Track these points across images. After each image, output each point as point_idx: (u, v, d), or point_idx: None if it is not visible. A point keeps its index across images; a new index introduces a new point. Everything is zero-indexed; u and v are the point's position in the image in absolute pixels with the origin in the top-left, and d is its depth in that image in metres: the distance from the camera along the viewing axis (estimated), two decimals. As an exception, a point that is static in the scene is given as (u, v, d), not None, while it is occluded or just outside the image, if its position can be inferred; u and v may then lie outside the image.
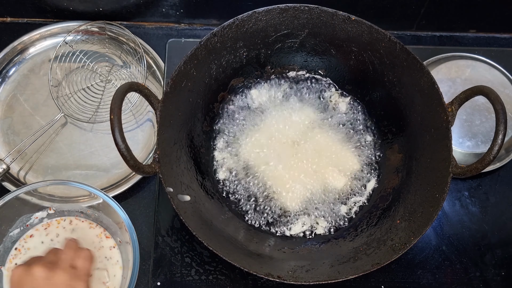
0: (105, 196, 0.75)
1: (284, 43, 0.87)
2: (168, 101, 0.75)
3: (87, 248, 0.71)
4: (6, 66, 0.95)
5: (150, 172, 0.70)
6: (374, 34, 0.82)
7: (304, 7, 0.82)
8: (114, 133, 0.65)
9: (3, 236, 0.76)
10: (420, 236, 0.71)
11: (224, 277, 0.82)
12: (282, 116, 0.88)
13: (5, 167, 0.85)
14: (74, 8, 0.97)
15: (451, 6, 0.98)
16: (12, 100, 0.93)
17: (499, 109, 0.70)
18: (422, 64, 0.79)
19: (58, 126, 0.92)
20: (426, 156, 0.79)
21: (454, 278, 0.84)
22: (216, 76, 0.85)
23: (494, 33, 1.05)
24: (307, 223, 0.82)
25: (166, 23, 1.02)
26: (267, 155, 0.85)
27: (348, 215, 0.84)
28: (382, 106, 0.88)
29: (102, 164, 0.90)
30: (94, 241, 0.79)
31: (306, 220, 0.82)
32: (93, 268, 0.72)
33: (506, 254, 0.86)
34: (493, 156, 0.69)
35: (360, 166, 0.86)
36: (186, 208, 0.73)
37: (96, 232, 0.79)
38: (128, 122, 0.93)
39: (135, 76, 0.95)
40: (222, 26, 0.80)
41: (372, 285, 0.83)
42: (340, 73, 0.90)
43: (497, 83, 0.92)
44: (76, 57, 0.94)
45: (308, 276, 0.71)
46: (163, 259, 0.82)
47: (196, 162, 0.82)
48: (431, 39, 1.04)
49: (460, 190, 0.91)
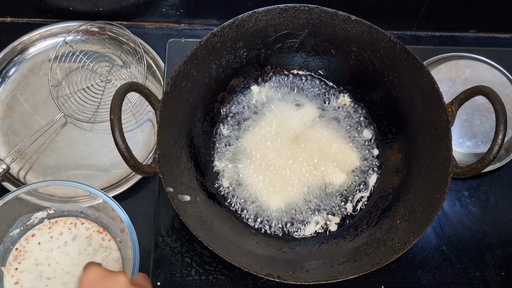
0: (105, 196, 0.75)
1: (284, 43, 0.87)
2: (168, 101, 0.75)
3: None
4: (6, 66, 0.95)
5: (150, 172, 0.70)
6: (374, 34, 0.82)
7: (304, 7, 0.82)
8: (114, 133, 0.65)
9: (3, 236, 0.76)
10: (420, 236, 0.71)
11: (224, 277, 0.82)
12: (282, 115, 0.88)
13: (5, 167, 0.85)
14: (74, 8, 0.97)
15: (451, 6, 0.98)
16: (12, 100, 0.93)
17: (499, 109, 0.70)
18: (422, 64, 0.79)
19: (58, 126, 0.92)
20: (426, 156, 0.79)
21: (454, 278, 0.84)
22: (216, 76, 0.85)
23: (494, 33, 1.05)
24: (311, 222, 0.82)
25: (166, 23, 1.02)
26: (267, 154, 0.85)
27: (354, 210, 0.84)
28: (382, 106, 0.88)
29: (102, 164, 0.90)
30: (94, 241, 0.79)
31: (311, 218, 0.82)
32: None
33: (506, 254, 0.86)
34: (493, 156, 0.69)
35: (359, 164, 0.86)
36: (186, 208, 0.73)
37: (96, 232, 0.80)
38: (128, 122, 0.93)
39: (135, 76, 0.95)
40: (222, 26, 0.80)
41: (372, 285, 0.83)
42: (340, 73, 0.90)
43: (497, 83, 0.92)
44: (76, 57, 0.94)
45: (308, 276, 0.71)
46: (163, 259, 0.82)
47: (196, 162, 0.82)
48: (431, 39, 1.04)
49: (460, 190, 0.91)
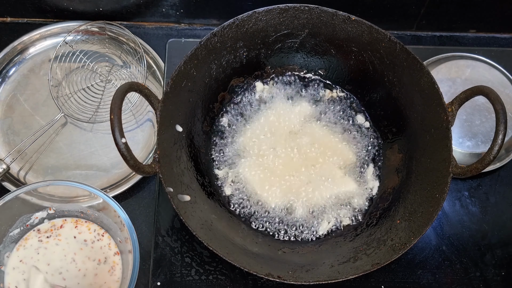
0: (105, 196, 0.75)
1: (284, 43, 0.87)
2: (168, 101, 0.75)
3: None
4: (6, 66, 0.95)
5: (150, 172, 0.70)
6: (374, 34, 0.82)
7: (304, 7, 0.82)
8: (114, 133, 0.65)
9: (3, 236, 0.76)
10: (420, 236, 0.72)
11: (224, 277, 0.82)
12: (282, 115, 0.88)
13: (5, 167, 0.85)
14: (74, 8, 0.97)
15: (451, 6, 0.98)
16: (12, 100, 0.93)
17: (499, 109, 0.70)
18: (422, 64, 0.79)
19: (58, 126, 0.92)
20: (426, 156, 0.79)
21: (454, 278, 0.84)
22: (216, 76, 0.85)
23: (494, 33, 1.05)
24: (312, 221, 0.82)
25: (166, 23, 1.02)
26: (268, 154, 0.85)
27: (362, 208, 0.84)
28: (382, 106, 0.88)
29: (102, 164, 0.90)
30: (94, 241, 0.79)
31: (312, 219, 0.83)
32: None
33: (506, 254, 0.86)
34: (493, 156, 0.69)
35: (359, 164, 0.86)
36: (186, 208, 0.73)
37: (96, 232, 0.80)
38: (128, 122, 0.93)
39: (135, 76, 0.95)
40: (222, 26, 0.80)
41: (372, 285, 0.83)
42: (340, 73, 0.90)
43: (497, 83, 0.92)
44: (76, 57, 0.94)
45: (308, 276, 0.71)
46: (163, 259, 0.82)
47: (196, 162, 0.82)
48: (431, 39, 1.04)
49: (460, 190, 0.91)
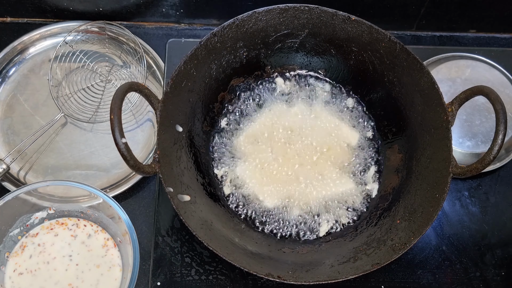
0: (105, 196, 0.75)
1: (284, 43, 0.87)
2: (168, 101, 0.75)
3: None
4: (6, 66, 0.95)
5: (150, 172, 0.70)
6: (374, 34, 0.82)
7: (304, 7, 0.82)
8: (114, 133, 0.65)
9: (3, 236, 0.76)
10: (420, 236, 0.72)
11: (224, 277, 0.82)
12: (282, 114, 0.88)
13: (5, 167, 0.85)
14: (74, 8, 0.97)
15: (451, 6, 0.98)
16: (12, 100, 0.93)
17: (499, 109, 0.70)
18: (422, 64, 0.79)
19: (58, 126, 0.92)
20: (426, 156, 0.79)
21: (454, 278, 0.84)
22: (216, 76, 0.85)
23: (494, 33, 1.05)
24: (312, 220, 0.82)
25: (166, 23, 1.02)
26: (267, 153, 0.85)
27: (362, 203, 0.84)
28: (382, 106, 0.88)
29: (102, 164, 0.90)
30: (94, 241, 0.79)
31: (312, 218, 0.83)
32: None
33: (506, 254, 0.86)
34: (493, 156, 0.69)
35: (359, 164, 0.86)
36: (186, 208, 0.73)
37: (96, 232, 0.80)
38: (128, 122, 0.93)
39: (135, 76, 0.95)
40: (222, 26, 0.80)
41: (372, 285, 0.83)
42: (340, 73, 0.90)
43: (497, 83, 0.92)
44: (76, 57, 0.94)
45: (308, 276, 0.71)
46: (163, 259, 0.82)
47: (196, 162, 0.82)
48: (431, 39, 1.04)
49: (460, 190, 0.91)
